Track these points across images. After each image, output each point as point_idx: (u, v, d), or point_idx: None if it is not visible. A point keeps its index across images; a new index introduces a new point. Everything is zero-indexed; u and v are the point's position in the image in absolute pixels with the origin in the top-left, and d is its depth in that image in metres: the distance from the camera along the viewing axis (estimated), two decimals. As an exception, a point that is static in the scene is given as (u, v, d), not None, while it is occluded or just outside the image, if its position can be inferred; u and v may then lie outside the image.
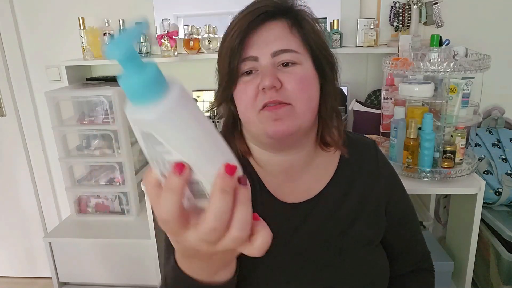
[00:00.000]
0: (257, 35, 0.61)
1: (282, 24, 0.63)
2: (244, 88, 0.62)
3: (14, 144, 2.01)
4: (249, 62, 0.61)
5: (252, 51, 0.61)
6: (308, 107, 0.63)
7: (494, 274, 1.34)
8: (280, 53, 0.61)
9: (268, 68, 0.60)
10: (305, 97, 0.62)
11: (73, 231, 1.65)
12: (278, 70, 0.61)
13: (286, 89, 0.61)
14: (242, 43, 0.61)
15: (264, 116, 0.61)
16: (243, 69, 0.62)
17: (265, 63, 0.61)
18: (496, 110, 1.61)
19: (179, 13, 1.76)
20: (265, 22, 0.62)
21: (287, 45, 0.61)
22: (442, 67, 1.11)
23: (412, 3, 1.54)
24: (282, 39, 0.61)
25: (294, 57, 0.61)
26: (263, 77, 0.60)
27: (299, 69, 0.62)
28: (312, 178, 0.71)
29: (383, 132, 1.47)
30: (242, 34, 0.60)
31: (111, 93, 1.51)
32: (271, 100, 0.60)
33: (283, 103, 0.60)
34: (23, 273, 2.26)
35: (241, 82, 0.63)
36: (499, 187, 1.34)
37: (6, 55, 1.90)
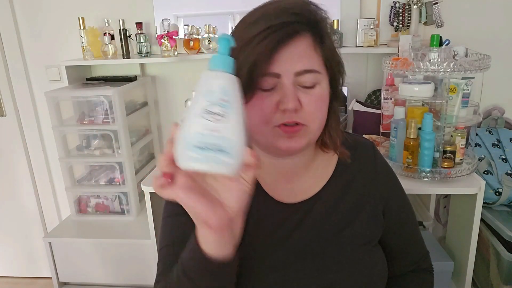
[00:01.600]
0: (282, 51, 0.57)
1: (307, 40, 0.59)
2: (261, 104, 0.59)
3: (14, 144, 2.01)
4: (270, 78, 0.58)
5: (276, 68, 0.57)
6: (321, 125, 0.64)
7: (494, 274, 1.34)
8: (304, 73, 0.58)
9: (291, 88, 0.58)
10: (320, 117, 0.62)
11: (73, 231, 1.65)
12: (298, 90, 0.59)
13: (305, 110, 0.59)
14: (267, 59, 0.56)
15: (278, 133, 0.60)
16: (262, 85, 0.58)
17: (287, 82, 0.58)
18: (496, 110, 1.61)
19: (179, 13, 1.76)
20: (291, 39, 0.57)
21: (311, 65, 0.59)
22: (442, 67, 1.11)
23: (412, 3, 1.54)
24: (307, 58, 0.59)
25: (316, 78, 0.59)
26: (286, 98, 0.57)
27: (318, 90, 0.60)
28: (311, 180, 0.71)
29: (383, 132, 1.47)
30: (269, 50, 0.56)
31: (111, 93, 1.51)
32: (290, 120, 0.59)
33: (300, 124, 0.60)
34: (23, 273, 2.26)
35: (258, 96, 0.59)
36: (499, 187, 1.34)
37: (6, 55, 1.90)
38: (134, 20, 1.70)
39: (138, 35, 1.67)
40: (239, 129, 0.43)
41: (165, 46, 1.65)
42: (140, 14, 1.76)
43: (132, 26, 1.70)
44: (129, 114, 1.65)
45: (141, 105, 1.82)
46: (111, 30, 1.72)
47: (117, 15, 1.71)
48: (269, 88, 0.58)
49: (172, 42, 1.64)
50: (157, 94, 1.91)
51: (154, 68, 1.88)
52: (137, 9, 1.77)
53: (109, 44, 1.68)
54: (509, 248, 1.27)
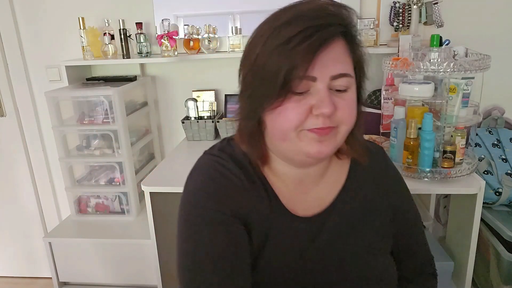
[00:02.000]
0: (321, 54, 0.55)
1: (341, 44, 0.58)
2: (294, 108, 0.57)
3: (14, 144, 2.01)
4: (306, 82, 0.56)
5: (312, 71, 0.55)
6: (349, 129, 0.62)
7: (494, 274, 1.34)
8: (339, 77, 0.57)
9: (326, 93, 0.56)
10: (351, 121, 0.61)
11: (73, 231, 1.65)
12: (332, 94, 0.58)
13: (337, 115, 0.58)
14: (307, 62, 0.54)
15: (307, 136, 0.59)
16: (297, 89, 0.56)
17: (322, 86, 0.56)
18: (496, 110, 1.61)
19: (179, 13, 1.76)
20: (330, 40, 0.56)
21: (345, 69, 0.58)
22: (442, 67, 1.10)
23: (412, 3, 1.54)
24: (342, 62, 0.58)
25: (349, 82, 0.59)
26: (322, 103, 0.56)
27: (349, 94, 0.60)
28: (324, 189, 0.70)
29: (383, 132, 1.47)
30: (309, 53, 0.54)
31: (111, 93, 1.51)
32: (324, 126, 0.57)
33: (331, 127, 0.59)
34: (23, 273, 2.26)
35: (291, 100, 0.57)
36: (499, 187, 1.34)
37: (6, 55, 1.90)
38: (134, 20, 1.70)
39: (138, 35, 1.67)
40: None
41: (165, 46, 1.65)
42: (140, 14, 1.76)
43: (132, 26, 1.70)
44: (129, 114, 1.65)
45: (141, 105, 1.82)
46: (111, 30, 1.72)
47: (117, 15, 1.71)
48: (302, 91, 0.57)
49: (172, 42, 1.64)
50: (157, 94, 1.91)
51: (154, 68, 1.88)
52: (137, 9, 1.77)
53: (109, 44, 1.68)
54: (509, 248, 1.27)
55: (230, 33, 1.68)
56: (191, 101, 1.76)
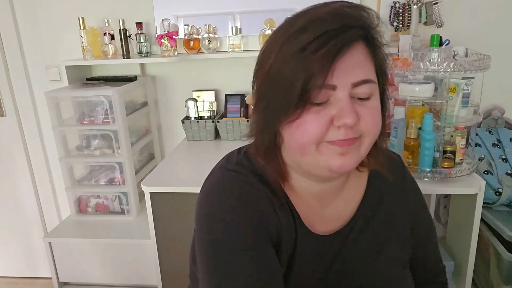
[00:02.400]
0: (340, 60, 0.51)
1: (362, 48, 0.54)
2: (313, 120, 0.52)
3: (14, 144, 2.01)
4: (325, 91, 0.51)
5: (331, 79, 0.50)
6: (374, 139, 0.58)
7: (494, 274, 1.34)
8: (361, 83, 0.52)
9: (348, 102, 0.52)
10: (376, 131, 0.57)
11: (73, 231, 1.65)
12: (354, 102, 0.53)
13: (361, 124, 0.54)
14: (325, 70, 0.50)
15: (328, 149, 0.54)
16: (316, 99, 0.52)
17: (343, 95, 0.52)
18: (496, 110, 1.61)
19: (179, 13, 1.76)
20: (350, 45, 0.52)
21: (367, 75, 0.53)
22: (442, 67, 1.11)
23: (412, 3, 1.54)
24: (363, 67, 0.53)
25: (372, 89, 0.54)
26: (344, 113, 0.51)
27: (373, 101, 0.55)
28: (342, 203, 0.67)
29: (383, 132, 1.47)
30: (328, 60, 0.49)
31: (111, 93, 1.51)
32: (346, 138, 0.53)
33: (355, 138, 0.55)
34: (23, 273, 2.26)
35: (310, 111, 0.52)
36: (499, 187, 1.34)
37: (6, 55, 1.90)
38: (134, 20, 1.70)
39: (138, 35, 1.67)
40: None
41: (165, 46, 1.65)
42: (140, 14, 1.76)
43: (132, 26, 1.70)
44: (129, 114, 1.65)
45: (141, 105, 1.82)
46: (111, 30, 1.72)
47: (117, 15, 1.71)
48: (322, 101, 0.52)
49: (172, 42, 1.64)
50: (157, 94, 1.91)
51: (154, 68, 1.88)
52: (137, 9, 1.77)
53: (109, 44, 1.68)
54: (509, 248, 1.27)
55: (230, 33, 1.68)
56: (191, 101, 1.76)
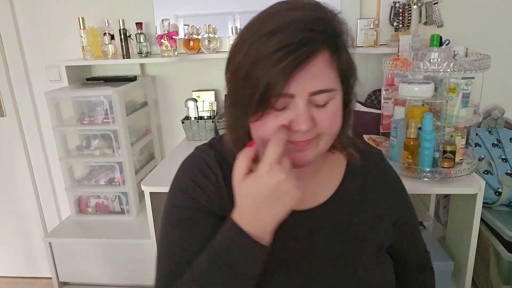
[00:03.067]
0: (299, 72, 0.53)
1: (324, 57, 0.55)
2: (273, 123, 0.56)
3: (14, 144, 2.01)
4: (284, 99, 0.54)
5: (290, 88, 0.53)
6: (334, 136, 0.61)
7: (494, 274, 1.34)
8: (319, 93, 0.55)
9: (304, 109, 0.55)
10: (334, 131, 0.60)
11: (73, 231, 1.65)
12: (311, 107, 0.56)
13: (318, 127, 0.57)
14: (284, 81, 0.52)
15: (288, 147, 0.57)
16: (276, 106, 0.55)
17: (301, 103, 0.55)
18: (496, 110, 1.61)
19: (179, 13, 1.76)
20: (310, 57, 0.53)
21: (326, 85, 0.55)
22: (442, 67, 1.11)
23: (412, 3, 1.54)
24: (322, 77, 0.55)
25: (329, 97, 0.57)
26: (299, 120, 0.55)
27: (331, 106, 0.58)
28: (319, 185, 0.70)
29: (383, 132, 1.47)
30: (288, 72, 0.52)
31: (111, 93, 1.51)
32: (302, 140, 0.57)
33: (311, 139, 0.58)
34: (23, 273, 2.26)
35: (270, 115, 0.56)
36: (499, 187, 1.34)
37: (6, 55, 1.90)
38: (134, 20, 1.70)
39: (138, 35, 1.67)
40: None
41: (165, 46, 1.65)
42: (140, 14, 1.76)
43: (132, 26, 1.70)
44: (129, 114, 1.65)
45: (141, 105, 1.82)
46: (111, 30, 1.72)
47: (117, 15, 1.71)
48: (281, 107, 0.56)
49: (172, 42, 1.64)
50: (157, 94, 1.91)
51: (154, 68, 1.88)
52: (137, 9, 1.77)
53: (109, 44, 1.68)
54: (509, 248, 1.27)
55: (230, 33, 1.68)
56: (191, 101, 1.76)
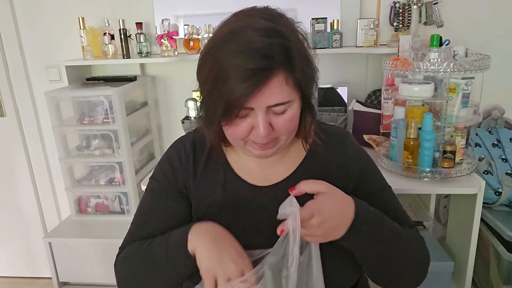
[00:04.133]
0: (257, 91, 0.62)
1: (280, 75, 0.63)
2: (236, 128, 0.66)
3: (14, 144, 2.01)
4: (245, 111, 0.64)
5: (251, 103, 0.62)
6: (291, 136, 0.71)
7: (494, 274, 1.34)
8: (275, 106, 0.64)
9: (263, 119, 0.64)
10: (291, 131, 0.70)
11: (73, 231, 1.65)
12: (270, 115, 0.65)
13: (276, 130, 0.67)
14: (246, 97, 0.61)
15: (251, 146, 0.69)
16: (236, 115, 0.64)
17: (260, 114, 0.64)
18: (496, 110, 1.61)
19: (179, 13, 1.76)
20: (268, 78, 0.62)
21: (282, 99, 0.64)
22: (442, 67, 1.11)
23: (412, 3, 1.54)
24: (278, 93, 0.63)
25: (286, 107, 0.65)
26: (258, 128, 0.64)
27: (288, 113, 0.66)
28: (283, 166, 0.79)
29: (383, 132, 1.47)
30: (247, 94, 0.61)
31: (111, 93, 1.51)
32: (262, 143, 0.67)
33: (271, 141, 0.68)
34: (23, 273, 2.26)
35: (234, 121, 0.66)
36: (499, 187, 1.34)
37: (6, 55, 1.90)
38: (134, 20, 1.70)
39: (138, 35, 1.67)
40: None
41: (165, 46, 1.65)
42: (140, 14, 1.76)
43: (132, 26, 1.70)
44: (129, 114, 1.65)
45: (141, 105, 1.82)
46: (111, 30, 1.72)
47: (117, 15, 1.71)
48: (243, 116, 0.65)
49: (172, 42, 1.64)
50: (157, 94, 1.91)
51: (154, 68, 1.88)
52: (137, 9, 1.77)
53: (109, 44, 1.68)
54: (509, 248, 1.27)
55: (230, 33, 1.68)
56: (191, 101, 1.76)
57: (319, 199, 0.67)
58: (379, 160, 1.30)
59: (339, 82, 1.75)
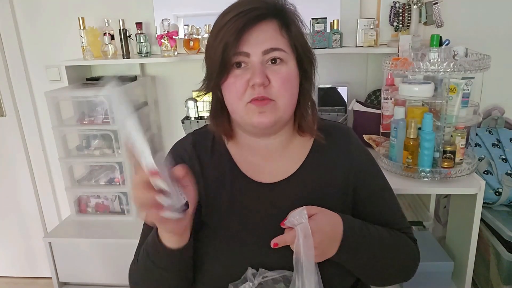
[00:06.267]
0: (250, 34, 0.66)
1: (273, 25, 0.68)
2: (234, 82, 0.68)
3: (14, 144, 2.01)
4: (241, 56, 0.66)
5: (245, 48, 0.66)
6: (289, 103, 0.71)
7: (494, 274, 1.34)
8: (270, 51, 0.67)
9: (259, 65, 0.66)
10: (288, 95, 0.69)
11: (73, 231, 1.65)
12: (267, 68, 0.67)
13: (272, 86, 0.67)
14: (237, 39, 0.65)
15: (250, 109, 0.68)
16: (234, 61, 0.67)
17: (256, 60, 0.66)
18: (496, 110, 1.61)
19: (179, 13, 1.76)
20: (258, 22, 0.67)
21: (276, 44, 0.67)
22: (442, 67, 1.11)
23: (412, 3, 1.54)
24: (272, 39, 0.67)
25: (281, 55, 0.68)
26: (254, 74, 0.66)
27: (285, 68, 0.68)
28: (287, 162, 0.78)
29: (383, 132, 1.47)
30: (238, 31, 0.65)
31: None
32: (259, 95, 0.67)
33: (268, 99, 0.68)
34: (23, 273, 2.26)
35: (232, 75, 0.68)
36: (499, 187, 1.34)
37: (6, 55, 1.90)
38: (134, 20, 1.70)
39: (138, 35, 1.67)
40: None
41: (165, 46, 1.65)
42: (140, 14, 1.76)
43: (132, 26, 1.70)
44: (129, 114, 1.64)
45: (141, 105, 1.82)
46: (111, 30, 1.72)
47: (117, 15, 1.70)
48: (239, 64, 0.67)
49: (172, 42, 1.64)
50: (157, 94, 1.91)
51: (154, 68, 1.88)
52: (137, 9, 1.77)
53: (109, 44, 1.68)
54: (509, 248, 1.27)
55: (230, 33, 1.68)
56: (191, 101, 1.76)
57: (315, 219, 0.66)
58: (379, 160, 1.30)
59: (339, 82, 1.75)
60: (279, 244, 0.66)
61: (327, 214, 0.68)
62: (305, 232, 0.64)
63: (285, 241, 0.66)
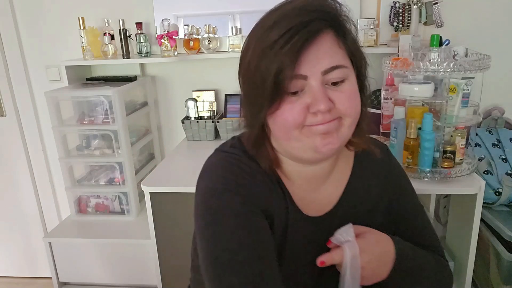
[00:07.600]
0: (307, 51, 0.55)
1: (330, 37, 0.57)
2: (291, 109, 0.56)
3: (14, 144, 2.01)
4: (298, 81, 0.55)
5: (302, 69, 0.55)
6: (355, 121, 0.61)
7: (494, 274, 1.34)
8: (331, 70, 0.56)
9: (320, 89, 0.55)
10: (355, 112, 0.60)
11: (73, 231, 1.65)
12: (328, 89, 0.57)
13: (338, 109, 0.58)
14: (293, 61, 0.53)
15: (311, 131, 0.58)
16: (290, 89, 0.56)
17: (315, 83, 0.55)
18: (496, 110, 1.61)
19: (179, 13, 1.76)
20: (316, 36, 0.55)
21: (337, 61, 0.56)
22: (442, 67, 1.10)
23: (412, 3, 1.54)
24: (332, 55, 0.56)
25: (344, 74, 0.57)
26: (316, 100, 0.55)
27: (347, 85, 0.58)
28: (331, 186, 0.71)
29: (383, 132, 1.47)
30: (295, 53, 0.53)
31: (111, 93, 1.51)
32: (324, 122, 0.57)
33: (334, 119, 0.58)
34: (23, 273, 2.26)
35: (286, 101, 0.57)
36: (499, 187, 1.34)
37: (6, 55, 1.90)
38: (134, 20, 1.70)
39: (138, 35, 1.67)
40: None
41: (165, 46, 1.65)
42: (140, 14, 1.76)
43: (132, 26, 1.70)
44: (129, 114, 1.65)
45: (141, 105, 1.82)
46: (111, 30, 1.72)
47: (117, 15, 1.71)
48: (296, 90, 0.56)
49: (172, 42, 1.64)
50: (157, 94, 1.91)
51: (154, 68, 1.88)
52: (137, 9, 1.77)
53: (109, 44, 1.68)
54: (509, 248, 1.27)
55: (230, 33, 1.68)
56: (191, 101, 1.76)
57: (364, 237, 0.62)
58: (379, 160, 1.29)
59: (339, 82, 1.75)
60: (326, 262, 0.62)
61: (375, 234, 0.65)
62: (353, 251, 0.60)
63: (332, 259, 0.62)
